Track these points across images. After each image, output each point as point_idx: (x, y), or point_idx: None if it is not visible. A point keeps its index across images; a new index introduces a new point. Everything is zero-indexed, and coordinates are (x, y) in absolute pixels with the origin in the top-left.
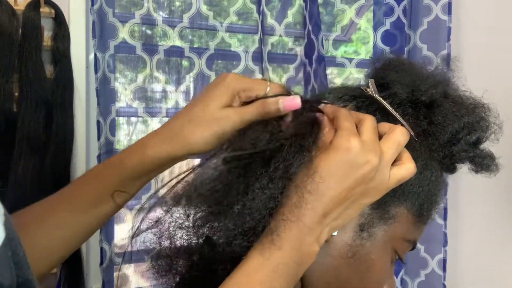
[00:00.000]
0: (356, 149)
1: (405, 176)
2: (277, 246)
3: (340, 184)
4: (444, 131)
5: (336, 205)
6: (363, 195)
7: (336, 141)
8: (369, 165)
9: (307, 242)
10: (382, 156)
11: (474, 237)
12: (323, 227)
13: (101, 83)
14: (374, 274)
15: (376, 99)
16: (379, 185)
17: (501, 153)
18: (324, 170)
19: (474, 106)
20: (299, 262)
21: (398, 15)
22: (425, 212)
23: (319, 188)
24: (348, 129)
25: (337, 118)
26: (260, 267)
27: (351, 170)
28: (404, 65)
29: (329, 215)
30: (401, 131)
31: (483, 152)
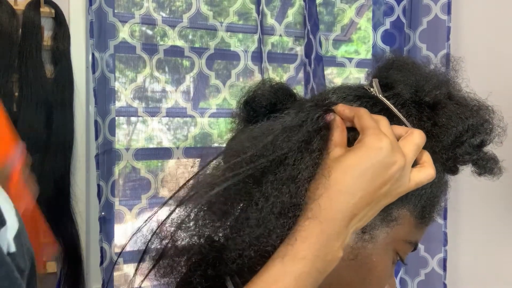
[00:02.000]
0: (387, 148)
1: (424, 180)
2: (301, 255)
3: (370, 184)
4: (448, 133)
5: (364, 206)
6: (386, 196)
7: (367, 140)
8: (397, 165)
9: (334, 249)
10: (406, 158)
11: (474, 237)
12: (349, 230)
13: (100, 83)
14: (375, 276)
15: (380, 99)
16: (400, 186)
17: (505, 156)
18: (356, 170)
19: (478, 108)
20: (322, 270)
21: (398, 14)
22: (427, 214)
23: (349, 190)
24: (376, 128)
25: (359, 117)
26: (281, 276)
27: (381, 170)
28: (407, 64)
29: (356, 216)
30: (419, 134)
31: (486, 155)
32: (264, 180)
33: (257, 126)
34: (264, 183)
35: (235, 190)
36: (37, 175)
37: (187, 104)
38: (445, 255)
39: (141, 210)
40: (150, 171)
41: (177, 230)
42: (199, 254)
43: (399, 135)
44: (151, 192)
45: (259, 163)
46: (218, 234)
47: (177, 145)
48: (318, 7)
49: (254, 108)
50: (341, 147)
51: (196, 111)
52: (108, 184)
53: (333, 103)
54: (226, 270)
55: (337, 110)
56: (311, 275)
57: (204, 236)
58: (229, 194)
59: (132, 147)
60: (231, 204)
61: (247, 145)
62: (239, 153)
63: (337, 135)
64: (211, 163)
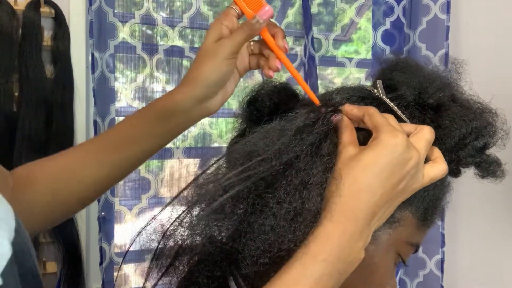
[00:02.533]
0: (403, 145)
1: (438, 175)
2: (322, 257)
3: (389, 181)
4: (452, 136)
5: (384, 203)
6: (403, 192)
7: (383, 137)
8: (412, 161)
9: (356, 249)
10: (419, 153)
11: (472, 238)
12: (370, 229)
13: (100, 83)
14: (377, 277)
15: (384, 101)
16: (415, 182)
17: (507, 159)
18: (376, 167)
19: (481, 111)
20: (343, 271)
21: (397, 14)
22: (429, 216)
23: (370, 188)
24: (390, 125)
25: (370, 115)
26: (302, 278)
27: (399, 166)
28: (411, 66)
29: (376, 215)
30: (429, 130)
31: (489, 158)
32: (277, 184)
33: (267, 126)
34: (277, 188)
35: (247, 192)
36: None
37: None
38: (443, 257)
39: (141, 210)
40: (150, 171)
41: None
42: (203, 255)
43: (409, 132)
44: (151, 192)
45: (273, 165)
46: (225, 235)
47: (177, 145)
48: (318, 7)
49: (257, 108)
50: (354, 145)
51: None
52: None
53: (340, 103)
54: (229, 270)
55: (345, 110)
56: (332, 277)
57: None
58: (241, 196)
59: None
60: (241, 207)
61: (261, 147)
62: (253, 154)
63: (347, 134)
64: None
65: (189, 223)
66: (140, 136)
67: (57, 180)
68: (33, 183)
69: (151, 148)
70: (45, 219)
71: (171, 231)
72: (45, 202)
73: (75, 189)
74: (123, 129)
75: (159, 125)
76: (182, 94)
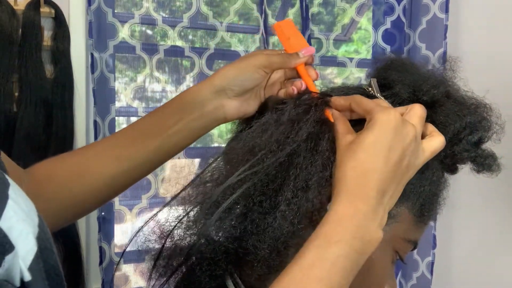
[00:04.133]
0: (397, 118)
1: (438, 147)
2: (336, 238)
3: (391, 156)
4: (446, 131)
5: (392, 180)
6: (408, 169)
7: (377, 116)
8: (411, 135)
9: (371, 228)
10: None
11: (465, 240)
12: (384, 208)
13: (100, 83)
14: (375, 275)
15: (379, 99)
16: (417, 158)
17: (503, 153)
18: (376, 146)
19: (476, 106)
20: (361, 251)
21: (398, 14)
22: (426, 212)
23: (375, 166)
24: (380, 105)
25: (358, 102)
26: (317, 261)
27: (397, 141)
28: (406, 65)
29: (387, 193)
30: (420, 106)
31: (484, 152)
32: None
33: (262, 120)
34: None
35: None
36: None
37: None
38: (433, 259)
39: (141, 210)
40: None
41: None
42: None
43: (401, 113)
44: (151, 192)
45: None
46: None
47: None
48: (318, 7)
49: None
50: (351, 133)
51: None
52: None
53: (328, 94)
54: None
55: (333, 104)
56: (349, 258)
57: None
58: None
59: None
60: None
61: (263, 140)
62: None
63: (341, 125)
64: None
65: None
66: (156, 131)
67: (74, 176)
68: (53, 180)
69: (168, 146)
70: (60, 217)
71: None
72: (62, 199)
73: (92, 186)
74: (141, 124)
75: (173, 120)
76: (199, 85)
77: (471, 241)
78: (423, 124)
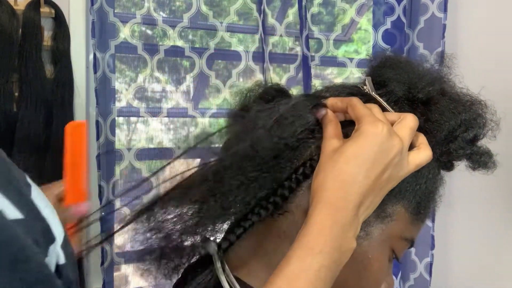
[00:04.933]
0: (384, 133)
1: (423, 161)
2: (318, 249)
3: (373, 170)
4: (441, 129)
5: (370, 193)
6: (388, 181)
7: (364, 127)
8: (396, 148)
9: (347, 239)
10: (403, 141)
11: (464, 240)
12: (359, 219)
13: (101, 83)
14: (371, 273)
15: (373, 97)
16: (401, 170)
17: (499, 150)
18: (358, 158)
19: (471, 103)
20: (339, 262)
21: (398, 14)
22: (422, 210)
23: (355, 178)
24: (371, 115)
25: (353, 106)
26: (302, 272)
27: (382, 155)
28: (400, 62)
29: (363, 204)
30: (412, 117)
31: (480, 149)
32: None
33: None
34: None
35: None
36: (37, 175)
37: (188, 105)
38: (432, 260)
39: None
40: (151, 171)
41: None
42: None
43: (392, 121)
44: (151, 192)
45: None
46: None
47: (178, 145)
48: (318, 7)
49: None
50: (338, 138)
51: (197, 111)
52: (109, 185)
53: (324, 96)
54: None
55: (329, 104)
56: (330, 268)
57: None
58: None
59: (133, 147)
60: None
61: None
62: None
63: (332, 128)
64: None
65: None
66: None
67: None
68: None
69: None
70: None
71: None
72: None
73: None
74: None
75: None
76: None
77: (470, 242)
78: (413, 135)
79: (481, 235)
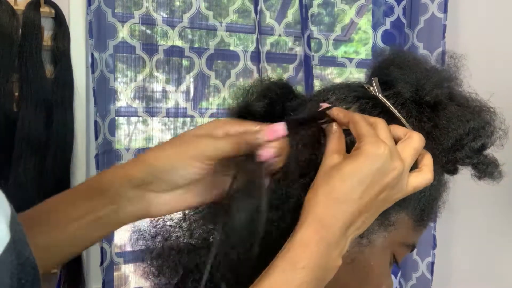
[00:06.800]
0: (385, 156)
1: (421, 185)
2: (302, 264)
3: (368, 192)
4: (449, 136)
5: (362, 213)
6: (384, 202)
7: (365, 148)
8: (395, 171)
9: (333, 257)
10: (404, 163)
11: (466, 240)
12: (347, 238)
13: (100, 83)
14: (373, 279)
15: (380, 100)
16: (398, 192)
17: (506, 159)
18: (355, 178)
19: (479, 110)
20: (321, 278)
21: (398, 14)
22: (425, 217)
23: (348, 197)
24: (374, 135)
25: (355, 123)
26: (282, 285)
27: (379, 177)
28: (408, 61)
29: (354, 224)
30: (418, 137)
31: (487, 159)
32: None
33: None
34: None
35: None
36: (37, 175)
37: (187, 104)
38: (433, 259)
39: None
40: None
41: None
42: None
43: (398, 137)
44: None
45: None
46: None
47: None
48: (318, 8)
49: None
50: (339, 154)
51: (196, 111)
52: None
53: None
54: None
55: (332, 115)
56: (312, 284)
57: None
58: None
59: (132, 147)
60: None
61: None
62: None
63: (334, 142)
64: None
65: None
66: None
67: None
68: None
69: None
70: None
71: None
72: None
73: None
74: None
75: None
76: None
77: (471, 242)
78: (417, 156)
79: (482, 235)
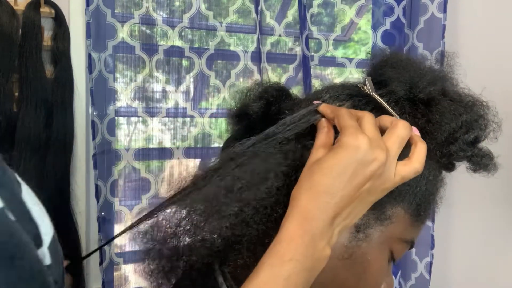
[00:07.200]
0: (364, 146)
1: (409, 175)
2: (288, 257)
3: (350, 183)
4: (442, 130)
5: (346, 204)
6: (370, 193)
7: (344, 140)
8: (377, 161)
9: (319, 248)
10: (388, 153)
11: (463, 240)
12: (334, 229)
13: (99, 83)
14: (371, 275)
15: (373, 98)
16: (385, 182)
17: (500, 152)
18: (334, 170)
19: (472, 104)
20: (311, 268)
21: (397, 15)
22: (422, 212)
23: (329, 190)
24: (354, 127)
25: (338, 117)
26: (271, 279)
27: (360, 168)
28: (402, 61)
29: (339, 215)
30: (403, 125)
31: (481, 151)
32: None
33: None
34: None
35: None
36: (37, 175)
37: (187, 105)
38: (431, 259)
39: (141, 210)
40: (150, 171)
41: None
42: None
43: (386, 126)
44: (151, 193)
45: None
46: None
47: (177, 145)
48: (318, 8)
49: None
50: (325, 148)
51: (196, 111)
52: (107, 184)
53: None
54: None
55: (321, 111)
56: (301, 275)
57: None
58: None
59: (132, 147)
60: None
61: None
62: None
63: (322, 136)
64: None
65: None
66: None
67: None
68: None
69: None
70: None
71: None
72: None
73: None
74: None
75: None
76: None
77: (469, 242)
78: (403, 144)
79: (480, 234)
